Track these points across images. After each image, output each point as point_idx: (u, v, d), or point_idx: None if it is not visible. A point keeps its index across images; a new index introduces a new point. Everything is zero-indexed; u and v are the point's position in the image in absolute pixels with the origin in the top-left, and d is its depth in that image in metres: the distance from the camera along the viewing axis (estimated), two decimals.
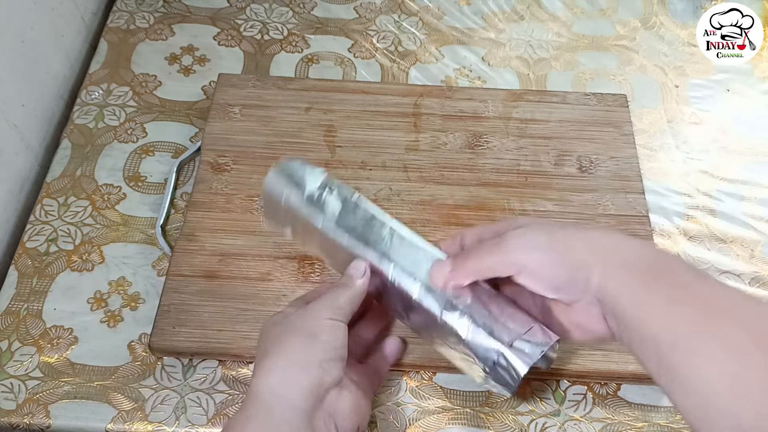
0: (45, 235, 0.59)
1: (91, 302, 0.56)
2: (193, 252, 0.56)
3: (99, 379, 0.53)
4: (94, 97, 0.68)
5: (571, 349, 0.53)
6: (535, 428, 0.52)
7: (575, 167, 0.62)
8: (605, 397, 0.54)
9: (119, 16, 0.74)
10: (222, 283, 0.55)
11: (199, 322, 0.53)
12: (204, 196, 0.59)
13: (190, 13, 0.75)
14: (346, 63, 0.72)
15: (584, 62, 0.74)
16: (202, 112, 0.67)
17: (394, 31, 0.75)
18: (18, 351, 0.54)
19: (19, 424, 0.51)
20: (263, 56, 0.72)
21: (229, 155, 0.61)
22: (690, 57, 0.73)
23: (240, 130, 0.63)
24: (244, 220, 0.58)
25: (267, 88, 0.66)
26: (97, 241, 0.59)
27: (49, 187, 0.62)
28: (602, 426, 0.53)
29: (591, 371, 0.53)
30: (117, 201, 0.61)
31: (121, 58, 0.70)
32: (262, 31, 0.74)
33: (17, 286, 0.57)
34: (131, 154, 0.64)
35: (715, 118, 0.70)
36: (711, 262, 0.61)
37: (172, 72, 0.70)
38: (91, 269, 0.58)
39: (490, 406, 0.53)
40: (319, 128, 0.64)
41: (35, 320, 0.55)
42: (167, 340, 0.52)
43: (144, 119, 0.66)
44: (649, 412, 0.54)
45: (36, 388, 0.52)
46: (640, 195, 0.61)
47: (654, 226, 0.61)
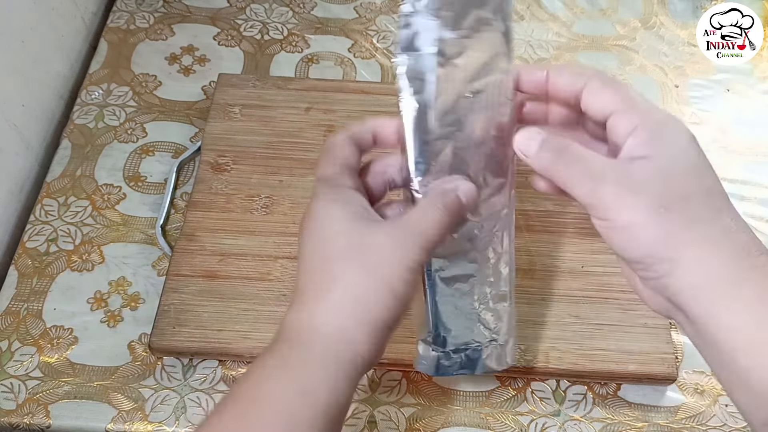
0: (45, 235, 0.59)
1: (91, 302, 0.56)
2: (193, 252, 0.56)
3: (99, 379, 0.53)
4: (94, 97, 0.68)
5: (571, 349, 0.53)
6: (535, 428, 0.52)
7: None
8: (605, 397, 0.54)
9: (119, 16, 0.74)
10: (222, 283, 0.55)
11: (199, 322, 0.53)
12: (204, 196, 0.59)
13: (190, 13, 0.75)
14: (346, 63, 0.72)
15: (584, 62, 0.74)
16: (202, 112, 0.67)
17: (394, 31, 0.75)
18: (18, 351, 0.54)
19: (19, 424, 0.51)
20: (263, 56, 0.72)
21: (229, 155, 0.61)
22: (690, 57, 0.73)
23: (240, 130, 0.63)
24: (244, 220, 0.58)
25: (267, 88, 0.66)
26: (97, 241, 0.59)
27: (49, 187, 0.62)
28: (602, 426, 0.53)
29: (591, 371, 0.53)
30: (117, 201, 0.61)
31: (121, 58, 0.70)
32: (262, 31, 0.74)
33: (17, 286, 0.57)
34: (131, 154, 0.64)
35: (715, 118, 0.70)
36: None
37: (172, 72, 0.70)
38: (91, 269, 0.58)
39: (490, 406, 0.53)
40: (319, 128, 0.64)
41: (35, 320, 0.55)
42: (167, 340, 0.52)
43: (144, 119, 0.66)
44: (649, 412, 0.54)
45: (36, 388, 0.52)
46: None
47: None
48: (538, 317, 0.54)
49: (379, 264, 0.35)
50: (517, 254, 0.57)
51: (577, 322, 0.54)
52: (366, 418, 0.53)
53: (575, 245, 0.58)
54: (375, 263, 0.35)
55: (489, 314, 0.42)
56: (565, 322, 0.54)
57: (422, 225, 0.36)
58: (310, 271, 0.36)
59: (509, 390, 0.54)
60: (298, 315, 0.36)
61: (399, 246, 0.35)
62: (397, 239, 0.35)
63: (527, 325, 0.54)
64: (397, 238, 0.35)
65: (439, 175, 0.38)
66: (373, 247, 0.35)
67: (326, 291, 0.35)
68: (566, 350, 0.53)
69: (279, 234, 0.57)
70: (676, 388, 0.55)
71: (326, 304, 0.35)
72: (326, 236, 0.36)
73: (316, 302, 0.35)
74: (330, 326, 0.35)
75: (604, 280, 0.56)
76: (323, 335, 0.35)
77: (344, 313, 0.35)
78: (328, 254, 0.36)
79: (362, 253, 0.35)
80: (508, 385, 0.54)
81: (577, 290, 0.56)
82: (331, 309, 0.35)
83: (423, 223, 0.36)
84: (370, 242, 0.35)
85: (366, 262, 0.35)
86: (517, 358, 0.52)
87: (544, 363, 0.52)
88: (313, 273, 0.36)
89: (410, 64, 0.36)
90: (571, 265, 0.57)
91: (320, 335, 0.35)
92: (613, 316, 0.54)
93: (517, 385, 0.54)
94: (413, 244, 0.35)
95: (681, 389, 0.55)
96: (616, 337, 0.53)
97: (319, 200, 0.37)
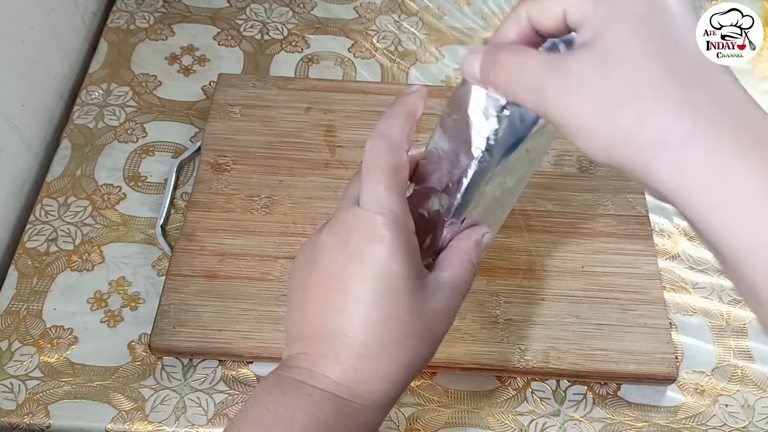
0: (45, 235, 0.59)
1: (91, 302, 0.56)
2: (193, 252, 0.56)
3: (99, 379, 0.53)
4: (94, 97, 0.68)
5: (571, 349, 0.53)
6: (535, 428, 0.52)
7: (575, 167, 0.62)
8: (605, 397, 0.54)
9: (119, 16, 0.74)
10: (222, 283, 0.55)
11: (199, 322, 0.53)
12: (204, 196, 0.59)
13: (190, 13, 0.75)
14: (346, 63, 0.72)
15: None
16: (202, 112, 0.67)
17: (394, 31, 0.75)
18: (18, 351, 0.54)
19: (19, 424, 0.51)
20: (263, 56, 0.72)
21: (229, 155, 0.61)
22: None
23: (240, 130, 0.63)
24: (244, 220, 0.58)
25: (267, 88, 0.66)
26: (97, 241, 0.59)
27: (49, 187, 0.62)
28: (602, 426, 0.53)
29: (591, 371, 0.53)
30: (117, 201, 0.61)
31: (121, 58, 0.70)
32: (262, 31, 0.74)
33: (17, 286, 0.57)
34: (131, 154, 0.64)
35: None
36: (711, 262, 0.61)
37: (172, 72, 0.70)
38: (91, 269, 0.58)
39: (490, 406, 0.53)
40: (319, 128, 0.64)
41: (35, 320, 0.55)
42: (167, 340, 0.52)
43: (144, 119, 0.66)
44: (649, 412, 0.54)
45: (36, 388, 0.52)
46: (640, 195, 0.61)
47: (654, 226, 0.61)
48: (538, 317, 0.54)
49: (433, 330, 0.33)
50: (517, 254, 0.58)
51: (577, 322, 0.54)
52: None
53: (575, 245, 0.58)
54: (431, 333, 0.33)
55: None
56: (565, 322, 0.54)
57: (463, 287, 0.35)
58: (368, 328, 0.32)
59: (509, 390, 0.54)
60: (346, 375, 0.32)
61: (450, 312, 0.34)
62: (449, 307, 0.34)
63: (527, 325, 0.54)
64: (449, 306, 0.34)
65: (469, 215, 0.36)
66: (430, 315, 0.33)
67: (385, 360, 0.32)
68: (566, 350, 0.53)
69: (279, 234, 0.57)
70: (676, 388, 0.55)
71: (376, 375, 0.32)
72: (393, 307, 0.32)
73: (368, 368, 0.32)
74: (377, 394, 0.33)
75: (604, 280, 0.56)
76: (371, 401, 0.33)
77: (392, 380, 0.33)
78: (392, 323, 0.32)
79: (424, 325, 0.33)
80: (508, 385, 0.54)
81: (577, 290, 0.56)
82: (383, 377, 0.33)
83: (464, 285, 0.35)
84: (430, 313, 0.33)
85: (425, 335, 0.33)
86: (518, 358, 0.52)
87: (544, 363, 0.52)
88: (373, 336, 0.32)
89: (511, 114, 0.32)
90: (571, 265, 0.57)
91: (367, 401, 0.33)
92: (613, 316, 0.54)
93: (517, 385, 0.54)
94: (456, 308, 0.34)
95: (681, 389, 0.55)
96: (616, 337, 0.53)
97: (384, 245, 0.31)
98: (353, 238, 0.32)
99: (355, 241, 0.32)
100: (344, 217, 0.33)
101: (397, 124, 0.33)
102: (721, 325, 0.57)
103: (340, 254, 0.32)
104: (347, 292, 0.32)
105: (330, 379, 0.32)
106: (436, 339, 0.34)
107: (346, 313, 0.32)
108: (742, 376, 0.55)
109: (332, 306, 0.32)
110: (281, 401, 0.32)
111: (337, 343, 0.32)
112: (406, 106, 0.34)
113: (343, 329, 0.32)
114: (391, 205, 0.32)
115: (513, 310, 0.55)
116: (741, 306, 0.58)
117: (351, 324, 0.32)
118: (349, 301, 0.32)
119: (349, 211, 0.33)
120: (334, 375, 0.32)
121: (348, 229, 0.32)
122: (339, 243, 0.32)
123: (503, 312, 0.54)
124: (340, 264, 0.32)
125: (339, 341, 0.32)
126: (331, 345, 0.32)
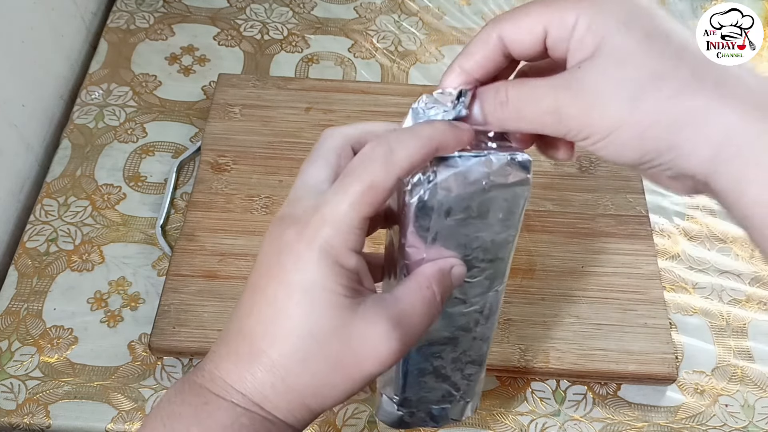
0: (45, 235, 0.59)
1: (91, 302, 0.56)
2: (193, 252, 0.56)
3: (99, 379, 0.53)
4: (94, 97, 0.68)
5: (571, 349, 0.53)
6: (535, 428, 0.52)
7: (575, 167, 0.62)
8: (605, 397, 0.54)
9: (119, 16, 0.74)
10: (222, 283, 0.55)
11: (199, 322, 0.53)
12: (204, 196, 0.59)
13: (190, 13, 0.75)
14: (346, 63, 0.72)
15: None
16: (202, 112, 0.67)
17: (394, 31, 0.75)
18: (18, 351, 0.54)
19: (19, 424, 0.51)
20: (263, 56, 0.72)
21: (229, 155, 0.61)
22: None
23: (240, 130, 0.63)
24: (244, 220, 0.58)
25: (267, 88, 0.66)
26: (97, 241, 0.59)
27: (49, 187, 0.62)
28: (602, 426, 0.53)
29: (591, 371, 0.53)
30: (117, 201, 0.61)
31: (121, 58, 0.70)
32: (262, 31, 0.74)
33: (17, 286, 0.57)
34: (131, 154, 0.64)
35: None
36: (711, 262, 0.61)
37: (172, 72, 0.70)
38: (91, 269, 0.58)
39: (490, 406, 0.53)
40: (319, 128, 0.63)
41: (35, 320, 0.55)
42: (167, 340, 0.52)
43: (144, 119, 0.66)
44: (649, 412, 0.54)
45: (36, 388, 0.52)
46: (640, 195, 0.61)
47: (654, 226, 0.61)
48: (538, 317, 0.54)
49: (359, 362, 0.30)
50: (517, 254, 0.57)
51: (577, 322, 0.54)
52: (366, 418, 0.53)
53: (575, 245, 0.58)
54: (356, 364, 0.30)
55: (459, 376, 0.40)
56: (565, 322, 0.54)
57: (414, 319, 0.31)
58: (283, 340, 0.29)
59: (509, 390, 0.54)
60: (241, 380, 0.30)
61: (389, 344, 0.30)
62: (387, 336, 0.30)
63: (527, 324, 0.54)
64: (387, 335, 0.30)
65: (435, 245, 0.33)
66: (357, 340, 0.29)
67: (285, 376, 0.29)
68: (566, 350, 0.53)
69: None
70: (676, 388, 0.55)
71: (273, 390, 0.30)
72: (306, 319, 0.29)
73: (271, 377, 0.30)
74: (281, 411, 0.30)
75: (604, 280, 0.56)
76: (271, 417, 0.30)
77: (290, 400, 0.30)
78: (306, 339, 0.29)
79: (347, 351, 0.29)
80: (508, 385, 0.54)
81: (577, 290, 0.56)
82: (282, 396, 0.30)
83: (416, 317, 0.31)
84: (357, 339, 0.29)
85: (346, 363, 0.29)
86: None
87: (544, 363, 0.52)
88: (278, 347, 0.29)
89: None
90: (571, 265, 0.57)
91: (266, 414, 0.30)
92: (613, 316, 0.54)
93: (517, 385, 0.54)
94: (399, 342, 0.30)
95: (681, 389, 0.55)
96: (616, 337, 0.53)
97: (313, 251, 0.29)
98: (289, 234, 0.30)
99: (291, 240, 0.29)
100: (294, 210, 0.30)
101: (413, 147, 0.29)
102: (721, 325, 0.58)
103: (274, 251, 0.30)
104: (263, 292, 0.30)
105: (226, 383, 0.30)
106: (362, 373, 0.30)
107: (254, 313, 0.30)
108: (742, 376, 0.55)
109: (247, 304, 0.31)
110: (178, 412, 0.30)
111: (241, 344, 0.30)
112: (438, 139, 0.30)
113: (248, 330, 0.30)
114: (346, 223, 0.29)
115: (513, 310, 0.55)
116: (741, 306, 0.58)
117: (258, 328, 0.30)
118: (259, 303, 0.30)
119: (301, 203, 0.30)
120: (230, 379, 0.30)
121: (292, 222, 0.30)
122: (277, 237, 0.30)
123: (503, 312, 0.54)
124: (273, 261, 0.30)
125: (243, 343, 0.30)
126: (235, 345, 0.30)
